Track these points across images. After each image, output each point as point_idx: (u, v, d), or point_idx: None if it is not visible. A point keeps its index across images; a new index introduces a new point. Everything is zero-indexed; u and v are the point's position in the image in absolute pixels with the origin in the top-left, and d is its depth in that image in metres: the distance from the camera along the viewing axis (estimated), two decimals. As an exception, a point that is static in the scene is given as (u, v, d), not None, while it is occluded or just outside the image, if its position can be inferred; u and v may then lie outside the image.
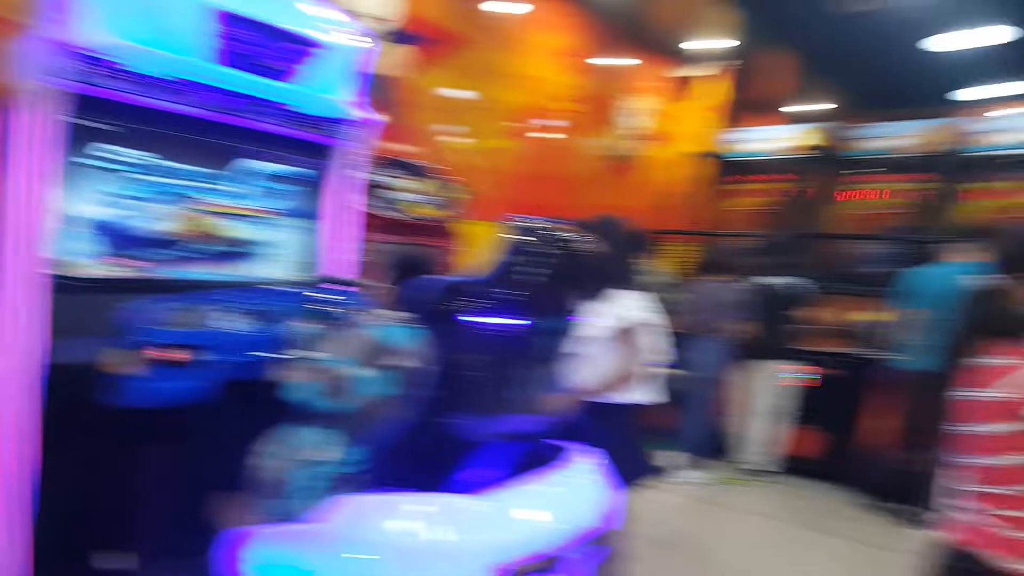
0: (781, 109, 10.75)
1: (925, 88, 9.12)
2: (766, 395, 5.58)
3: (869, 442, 5.22)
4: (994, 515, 1.68)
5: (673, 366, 5.60)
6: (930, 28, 6.69)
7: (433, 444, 2.13)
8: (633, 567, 3.00)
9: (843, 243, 7.18)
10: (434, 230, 4.63)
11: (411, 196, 4.39)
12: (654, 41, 8.05)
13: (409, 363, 2.43)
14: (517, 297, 2.13)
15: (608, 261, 3.00)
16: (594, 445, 2.62)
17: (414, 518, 1.89)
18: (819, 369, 5.63)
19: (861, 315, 5.88)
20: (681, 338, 5.48)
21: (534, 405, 2.35)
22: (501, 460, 2.29)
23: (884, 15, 7.08)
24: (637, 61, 7.86)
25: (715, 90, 8.34)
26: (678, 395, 5.46)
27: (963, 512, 1.74)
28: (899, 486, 4.78)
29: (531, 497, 2.13)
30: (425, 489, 1.97)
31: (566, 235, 2.29)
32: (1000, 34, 7.10)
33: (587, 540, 2.22)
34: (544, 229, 2.24)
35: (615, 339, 2.94)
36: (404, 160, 4.49)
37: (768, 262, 5.82)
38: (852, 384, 5.44)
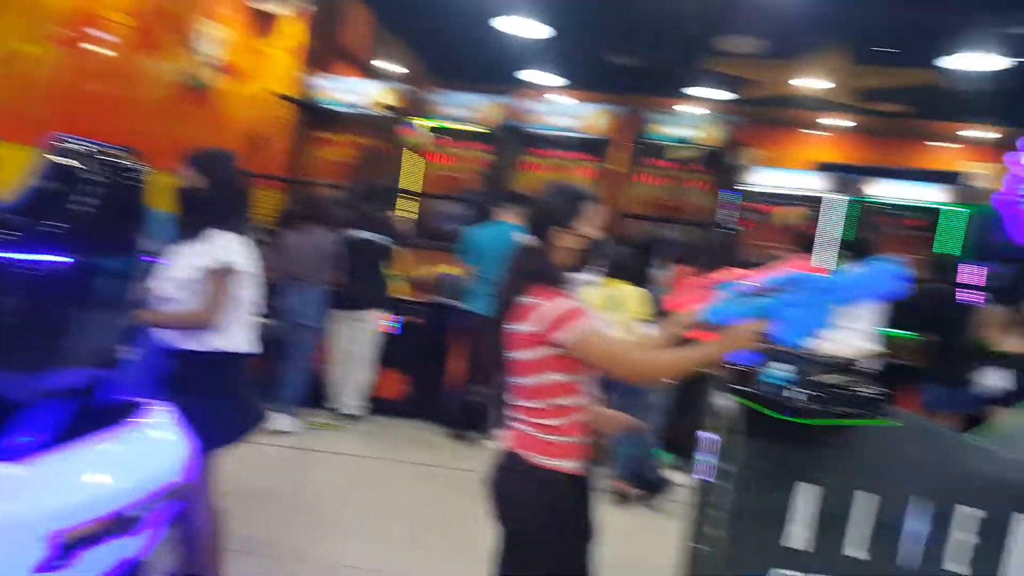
0: (363, 64, 11.05)
1: (494, 65, 10.28)
2: (357, 343, 5.75)
3: (447, 380, 5.76)
4: (530, 423, 2.06)
5: (268, 315, 5.45)
6: (501, 9, 7.49)
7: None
8: (223, 520, 2.82)
9: (424, 201, 7.69)
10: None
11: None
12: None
13: None
14: (56, 230, 1.76)
15: (209, 198, 2.75)
16: (187, 396, 2.40)
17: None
18: (404, 317, 5.99)
19: (439, 267, 6.43)
20: (275, 286, 5.39)
21: (93, 354, 2.02)
22: (53, 419, 1.92)
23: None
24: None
25: (295, 31, 8.13)
26: (274, 344, 5.35)
27: (513, 422, 2.13)
28: (470, 415, 5.42)
29: (94, 456, 1.87)
30: None
31: (122, 162, 1.97)
32: (546, 31, 8.27)
33: (160, 496, 2.01)
34: (94, 154, 1.88)
35: (208, 282, 2.67)
36: None
37: (356, 214, 5.96)
38: (432, 329, 5.95)
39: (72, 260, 1.76)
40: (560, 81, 9.99)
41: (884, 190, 8.09)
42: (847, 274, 1.99)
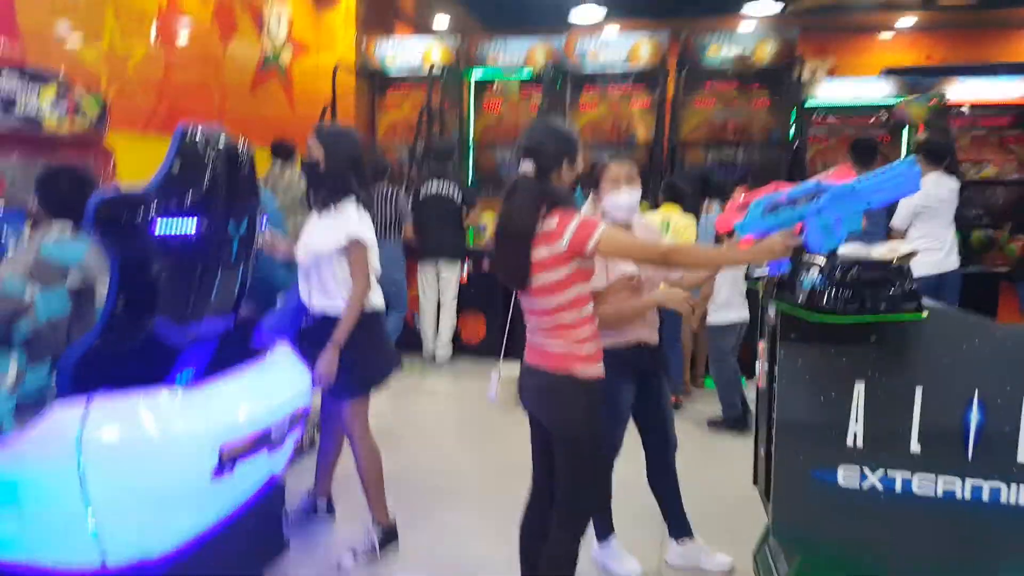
0: (416, 22, 11.27)
1: (542, 8, 10.31)
2: (441, 292, 6.19)
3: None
4: (562, 339, 2.26)
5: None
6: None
7: (138, 349, 2.12)
8: (378, 456, 3.16)
9: (485, 151, 7.95)
10: (79, 143, 4.19)
11: (44, 108, 3.89)
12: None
13: (83, 278, 2.36)
14: (189, 203, 2.14)
15: (332, 172, 2.88)
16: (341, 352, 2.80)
17: (135, 414, 1.95)
18: (478, 263, 6.35)
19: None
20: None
21: (227, 304, 2.42)
22: (205, 357, 2.37)
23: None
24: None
25: (350, 1, 8.44)
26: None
27: (541, 342, 2.32)
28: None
29: (242, 386, 2.30)
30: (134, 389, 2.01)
31: (237, 143, 2.32)
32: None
33: (294, 419, 2.45)
34: (215, 137, 2.24)
35: (348, 256, 2.86)
36: (26, 68, 3.93)
37: (429, 170, 6.33)
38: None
39: (206, 227, 2.15)
40: (608, 15, 9.91)
41: (964, 89, 7.73)
42: (869, 179, 2.09)
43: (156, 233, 2.06)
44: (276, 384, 2.45)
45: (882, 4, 9.65)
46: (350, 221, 2.87)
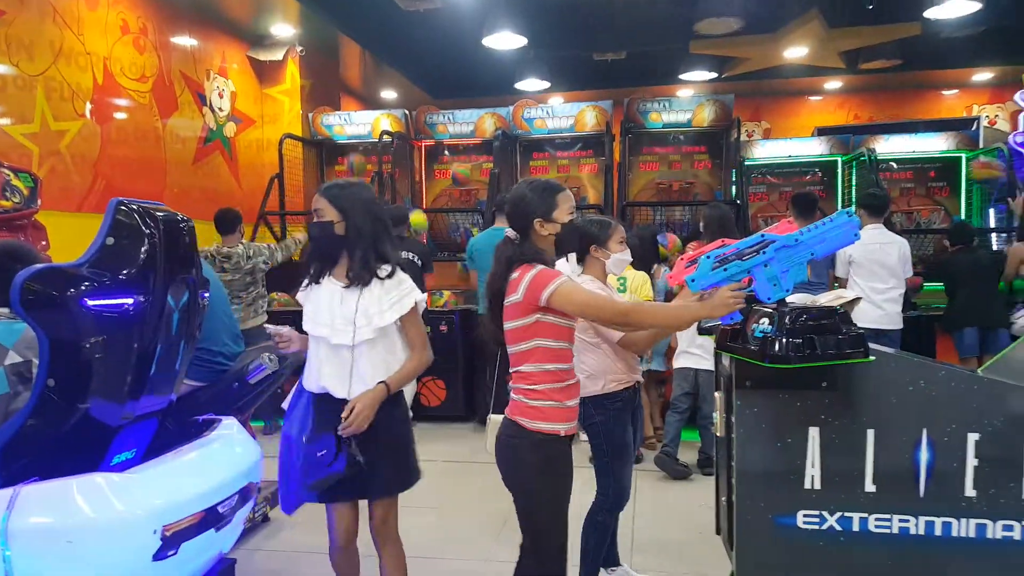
0: (363, 95, 11.47)
1: (487, 80, 10.61)
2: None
3: (482, 381, 6.05)
4: (525, 390, 2.29)
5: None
6: (486, 28, 7.80)
7: (71, 430, 2.02)
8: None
9: (438, 216, 8.01)
10: (9, 222, 4.08)
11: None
12: (229, 23, 7.96)
13: (18, 357, 2.26)
14: (124, 277, 2.08)
15: (361, 236, 2.49)
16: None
17: (66, 499, 1.84)
18: (438, 326, 6.31)
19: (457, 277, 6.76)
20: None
21: (169, 381, 2.34)
22: (146, 436, 2.27)
23: (445, 14, 8.04)
24: (212, 42, 7.71)
25: (295, 74, 8.57)
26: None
27: (512, 393, 2.34)
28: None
29: (185, 463, 2.21)
30: (71, 473, 1.91)
31: (174, 216, 2.28)
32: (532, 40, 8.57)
33: (241, 495, 2.36)
34: (151, 211, 2.20)
35: (408, 322, 2.56)
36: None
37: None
38: (462, 336, 6.31)
39: (144, 301, 2.08)
40: (550, 85, 10.28)
41: (891, 145, 8.16)
42: (811, 230, 2.17)
43: (89, 308, 1.99)
44: (222, 459, 2.35)
45: (810, 69, 10.18)
46: (407, 283, 2.54)
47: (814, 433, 2.21)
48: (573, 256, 2.98)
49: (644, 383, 5.49)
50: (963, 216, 7.37)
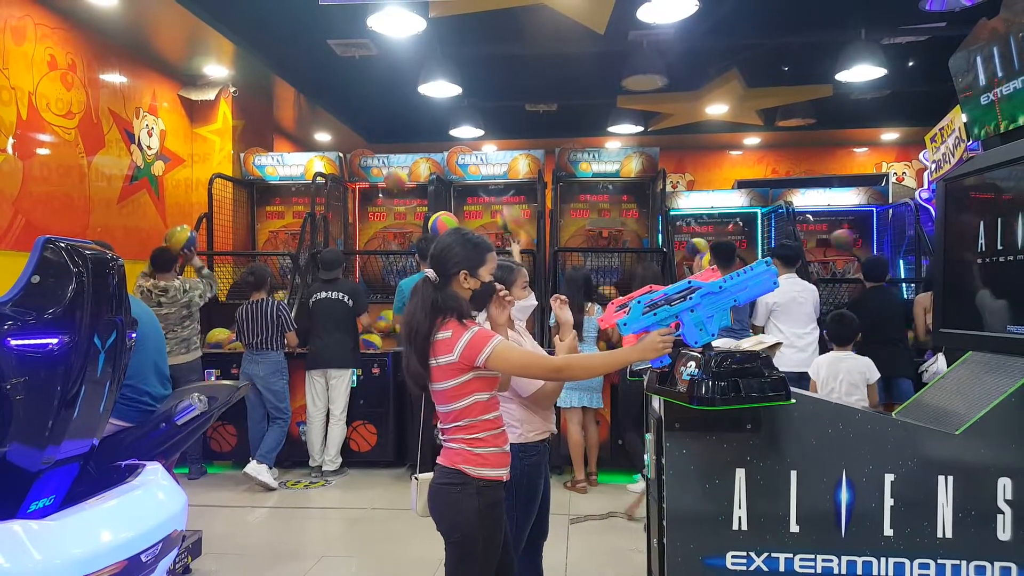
0: (296, 137, 11.41)
1: (421, 126, 10.73)
2: (331, 400, 5.99)
3: (414, 426, 6.00)
4: (462, 440, 2.33)
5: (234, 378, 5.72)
6: (421, 76, 7.95)
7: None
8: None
9: (371, 259, 7.99)
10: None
11: None
12: (160, 62, 7.86)
13: None
14: (49, 317, 2.02)
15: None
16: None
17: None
18: (370, 369, 6.24)
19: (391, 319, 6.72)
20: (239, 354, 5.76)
21: (92, 424, 2.26)
22: (65, 482, 2.18)
23: (380, 61, 8.15)
24: (142, 79, 7.59)
25: (227, 114, 8.49)
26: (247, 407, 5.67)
27: (446, 442, 2.38)
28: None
29: (105, 511, 2.13)
30: None
31: (103, 254, 2.23)
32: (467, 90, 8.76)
33: (165, 543, 2.27)
34: (78, 249, 2.15)
35: None
36: None
37: (315, 277, 6.27)
38: (394, 379, 6.24)
39: (68, 342, 2.01)
40: (485, 134, 10.48)
41: (806, 198, 8.62)
42: (734, 278, 2.30)
43: (11, 348, 1.91)
44: (145, 506, 2.27)
45: (730, 125, 10.69)
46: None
47: (741, 474, 2.28)
48: None
49: (584, 421, 5.57)
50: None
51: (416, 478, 2.61)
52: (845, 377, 4.30)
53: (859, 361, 4.37)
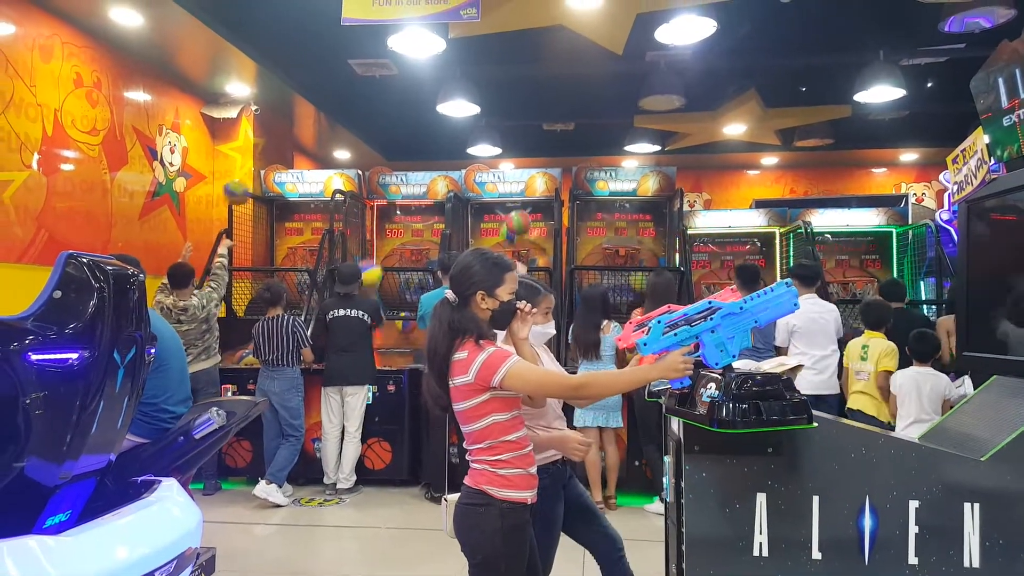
0: (316, 155, 11.53)
1: (440, 144, 10.80)
2: (346, 418, 5.98)
3: (430, 445, 5.97)
4: (485, 461, 2.31)
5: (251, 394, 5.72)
6: (440, 96, 8.02)
7: (5, 490, 1.92)
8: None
9: (388, 274, 8.01)
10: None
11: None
12: (183, 80, 7.99)
13: None
14: (70, 332, 2.03)
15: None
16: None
17: (3, 563, 1.74)
18: (386, 387, 6.23)
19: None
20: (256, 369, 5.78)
21: (111, 440, 2.26)
22: (82, 497, 2.18)
23: (400, 81, 8.23)
24: (166, 97, 7.71)
25: (248, 132, 8.60)
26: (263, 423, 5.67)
27: (471, 463, 2.36)
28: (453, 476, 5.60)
29: (122, 527, 2.12)
30: (2, 536, 1.81)
31: (126, 270, 2.25)
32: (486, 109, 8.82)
33: (180, 560, 2.26)
34: (102, 264, 2.17)
35: None
36: None
37: (332, 293, 6.30)
38: (411, 397, 6.21)
39: (88, 357, 2.02)
40: (501, 151, 10.53)
41: (826, 219, 8.56)
42: (754, 299, 2.27)
43: (32, 363, 1.92)
44: (160, 523, 2.26)
45: (748, 145, 10.67)
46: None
47: (761, 499, 2.23)
48: None
49: (601, 441, 5.51)
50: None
51: (446, 499, 2.58)
52: (928, 393, 4.49)
53: (939, 379, 4.55)
